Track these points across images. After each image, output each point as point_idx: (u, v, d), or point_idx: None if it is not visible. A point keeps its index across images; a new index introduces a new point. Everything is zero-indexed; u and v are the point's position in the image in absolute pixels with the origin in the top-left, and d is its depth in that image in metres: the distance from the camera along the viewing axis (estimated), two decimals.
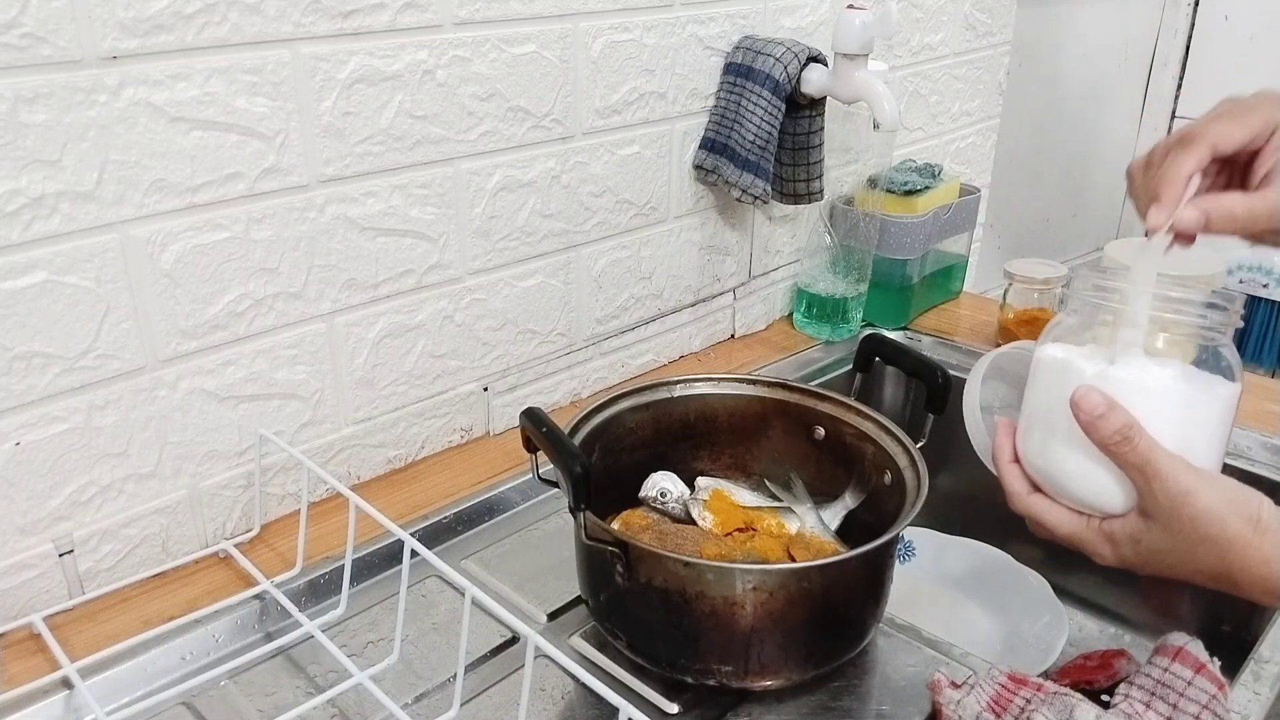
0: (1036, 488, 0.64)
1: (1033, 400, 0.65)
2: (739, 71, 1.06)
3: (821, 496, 0.83)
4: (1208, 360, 0.62)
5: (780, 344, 1.23)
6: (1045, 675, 0.73)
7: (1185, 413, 0.60)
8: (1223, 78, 2.09)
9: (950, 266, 1.34)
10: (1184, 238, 0.62)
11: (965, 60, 1.47)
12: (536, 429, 0.69)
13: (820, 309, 1.23)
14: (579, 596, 0.76)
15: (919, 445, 0.75)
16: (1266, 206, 0.62)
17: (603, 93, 0.97)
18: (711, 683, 0.68)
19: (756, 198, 1.06)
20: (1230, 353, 0.62)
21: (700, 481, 0.83)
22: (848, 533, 0.80)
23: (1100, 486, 0.61)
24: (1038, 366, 0.65)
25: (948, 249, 1.32)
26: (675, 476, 0.83)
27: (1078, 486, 0.62)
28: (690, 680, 0.69)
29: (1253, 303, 2.03)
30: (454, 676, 0.67)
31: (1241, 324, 0.62)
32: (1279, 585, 0.55)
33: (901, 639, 0.76)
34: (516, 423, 0.74)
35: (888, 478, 0.76)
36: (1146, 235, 0.63)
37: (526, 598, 0.79)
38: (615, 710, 0.55)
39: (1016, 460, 0.65)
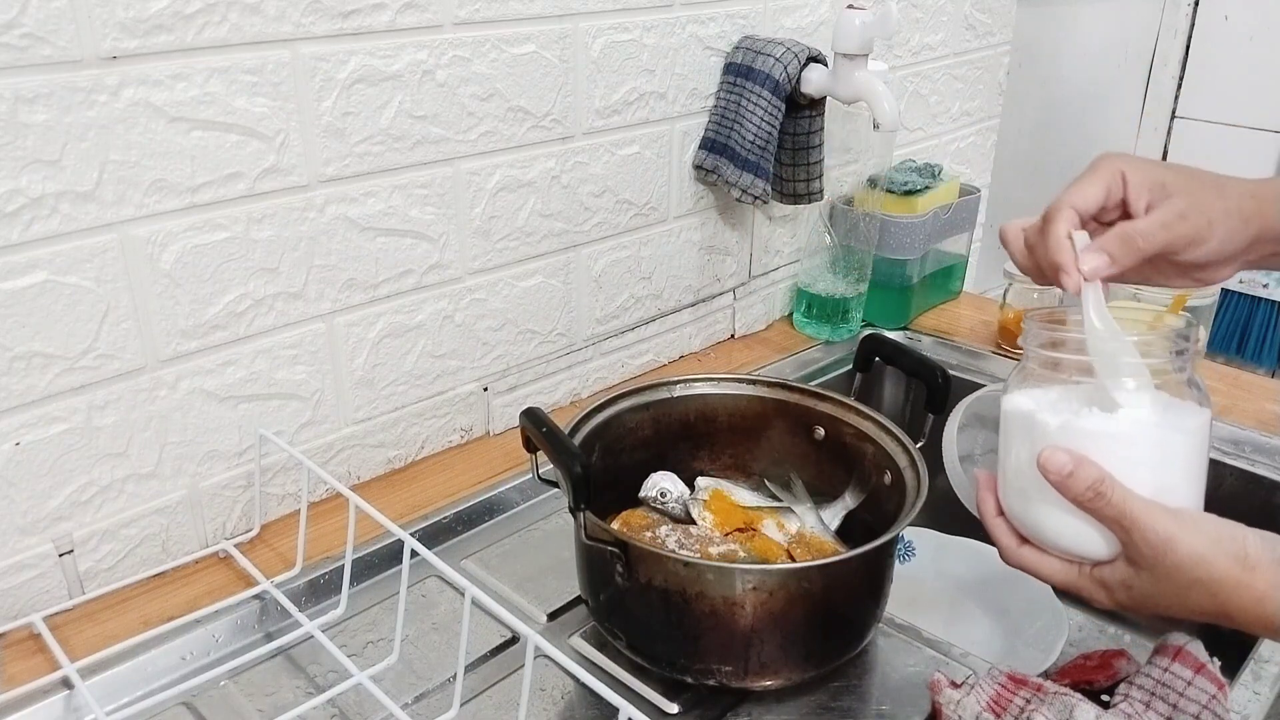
0: (1025, 539, 0.64)
1: (1005, 454, 0.65)
2: (739, 71, 1.06)
3: (821, 496, 0.83)
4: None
5: (780, 344, 1.23)
6: (1045, 675, 0.72)
7: (1158, 455, 0.59)
8: (1223, 78, 2.09)
9: (950, 266, 1.34)
10: (1110, 280, 0.63)
11: (965, 60, 1.46)
12: (536, 429, 0.69)
13: (820, 309, 1.23)
14: (579, 596, 0.76)
15: (919, 445, 0.75)
16: (1156, 222, 0.63)
17: (603, 93, 0.97)
18: (711, 683, 0.68)
19: (756, 198, 1.06)
20: (1197, 379, 0.62)
21: (700, 481, 0.83)
22: (848, 533, 0.81)
23: (1083, 537, 0.60)
24: (1006, 420, 0.64)
25: (947, 249, 1.32)
26: (675, 476, 0.83)
27: (1061, 539, 0.61)
28: (690, 680, 0.69)
29: (1253, 303, 2.03)
30: (454, 676, 0.67)
31: (1203, 351, 0.61)
32: (1277, 621, 0.55)
33: (901, 639, 0.76)
34: (516, 423, 0.74)
35: (888, 478, 0.76)
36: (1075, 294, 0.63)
37: (526, 598, 0.79)
38: (615, 710, 0.55)
39: (1002, 514, 0.65)
